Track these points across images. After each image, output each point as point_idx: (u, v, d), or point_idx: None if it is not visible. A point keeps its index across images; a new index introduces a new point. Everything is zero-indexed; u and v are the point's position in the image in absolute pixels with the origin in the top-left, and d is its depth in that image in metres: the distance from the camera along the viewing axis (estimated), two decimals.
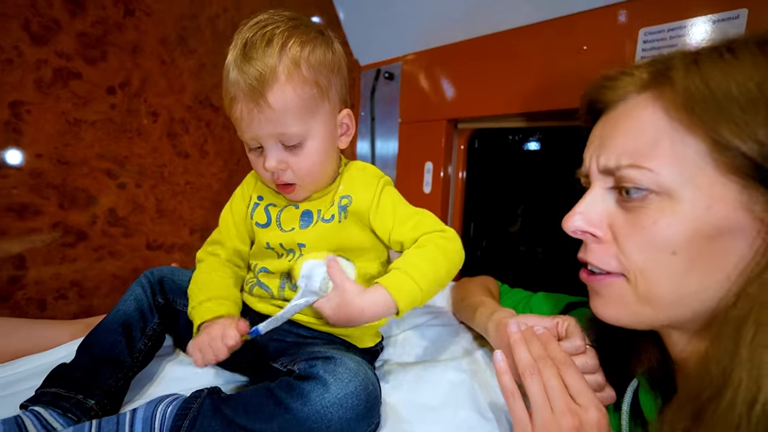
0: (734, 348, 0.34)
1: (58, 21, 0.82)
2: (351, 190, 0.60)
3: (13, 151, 0.80)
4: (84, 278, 0.91)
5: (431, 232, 0.58)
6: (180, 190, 1.04)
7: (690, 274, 0.37)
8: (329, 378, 0.46)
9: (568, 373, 0.42)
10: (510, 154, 1.23)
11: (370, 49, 1.42)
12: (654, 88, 0.40)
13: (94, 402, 0.48)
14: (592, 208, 0.43)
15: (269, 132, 0.53)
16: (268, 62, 0.50)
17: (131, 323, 0.56)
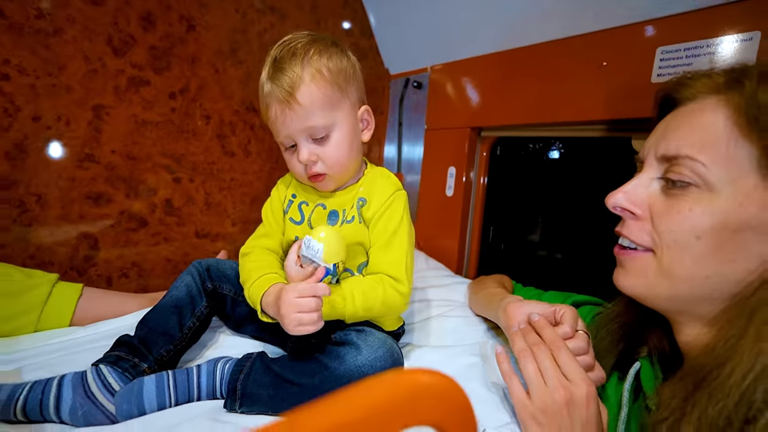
0: (744, 328, 0.38)
1: (134, 36, 0.95)
2: (368, 194, 0.66)
3: (93, 147, 0.93)
4: (143, 260, 1.03)
5: (392, 277, 0.63)
6: (226, 186, 1.16)
7: (709, 258, 0.42)
8: (361, 344, 0.55)
9: (560, 353, 0.49)
10: (530, 162, 1.29)
11: (400, 60, 1.51)
12: (725, 93, 0.43)
13: (147, 366, 0.58)
14: (636, 190, 0.48)
15: (300, 127, 0.60)
16: (295, 69, 0.59)
17: (182, 305, 0.65)
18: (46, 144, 0.87)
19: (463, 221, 1.33)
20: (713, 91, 0.45)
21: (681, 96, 0.48)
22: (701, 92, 0.46)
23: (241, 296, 0.73)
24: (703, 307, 0.44)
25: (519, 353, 0.51)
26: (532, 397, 0.48)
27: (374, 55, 1.51)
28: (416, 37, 1.39)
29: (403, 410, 0.22)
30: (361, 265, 0.69)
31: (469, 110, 1.28)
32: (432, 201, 1.41)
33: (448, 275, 1.16)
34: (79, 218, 0.93)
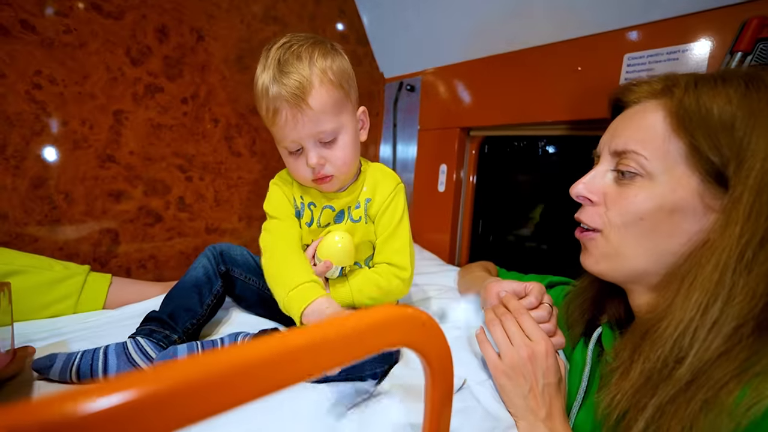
0: (677, 290, 0.46)
1: (150, 47, 1.04)
2: (372, 193, 0.71)
3: (114, 148, 1.02)
4: (159, 253, 1.12)
5: (396, 266, 0.69)
6: (233, 184, 1.25)
7: (651, 236, 0.50)
8: None
9: (522, 318, 0.58)
10: (516, 158, 1.39)
11: (394, 64, 1.61)
12: (662, 97, 0.50)
13: (177, 336, 0.65)
14: (593, 180, 0.56)
15: (310, 131, 0.61)
16: (303, 73, 0.59)
17: (201, 284, 0.72)
18: (73, 147, 0.96)
19: (454, 215, 1.43)
20: (652, 96, 0.53)
21: (628, 100, 0.57)
22: (643, 97, 0.54)
23: (251, 280, 0.82)
24: (651, 277, 0.52)
25: (489, 323, 0.61)
26: (502, 357, 0.58)
27: (370, 60, 1.60)
28: (409, 44, 1.49)
29: (376, 333, 0.24)
30: (368, 258, 0.76)
31: (458, 111, 1.38)
32: (425, 197, 1.50)
33: (439, 263, 1.26)
34: (101, 214, 1.01)
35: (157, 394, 0.17)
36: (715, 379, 0.40)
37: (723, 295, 0.42)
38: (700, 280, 0.44)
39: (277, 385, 0.22)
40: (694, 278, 0.45)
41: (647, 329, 0.48)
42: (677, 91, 0.50)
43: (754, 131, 0.43)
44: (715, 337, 0.41)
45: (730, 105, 0.44)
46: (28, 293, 0.77)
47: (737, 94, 0.44)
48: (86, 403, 0.15)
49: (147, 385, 0.16)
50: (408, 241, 0.71)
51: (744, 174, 0.43)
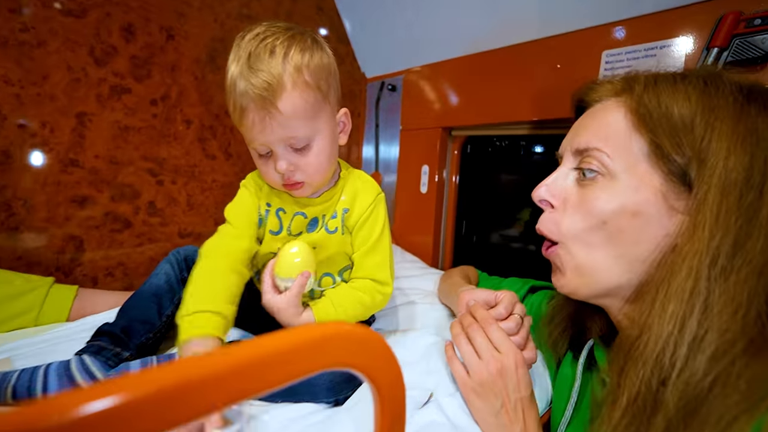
0: (651, 302, 0.42)
1: (115, 47, 1.00)
2: (350, 203, 0.66)
3: (78, 152, 0.97)
4: (128, 260, 1.08)
5: (377, 281, 0.66)
6: (207, 187, 1.21)
7: (617, 243, 0.47)
8: None
9: (489, 328, 0.55)
10: (498, 158, 1.37)
11: (376, 63, 1.58)
12: (622, 95, 0.49)
13: (129, 354, 0.61)
14: (556, 182, 0.53)
15: (280, 137, 0.56)
16: (273, 72, 0.53)
17: (161, 293, 0.68)
18: (32, 150, 0.91)
19: (437, 216, 1.40)
20: (614, 94, 0.51)
21: (590, 99, 0.55)
22: (605, 95, 0.52)
23: None
24: (624, 290, 0.49)
25: (455, 337, 0.58)
26: (471, 374, 0.54)
27: (351, 60, 1.58)
28: (390, 43, 1.46)
29: (313, 353, 0.21)
30: (343, 269, 0.71)
31: (440, 111, 1.35)
32: (408, 198, 1.48)
33: (422, 267, 1.23)
34: (64, 221, 0.97)
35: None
36: (719, 413, 0.35)
37: (699, 305, 0.39)
38: (673, 289, 0.41)
39: (175, 420, 0.18)
40: (668, 287, 0.41)
41: (629, 347, 0.44)
42: (637, 89, 0.48)
43: (714, 130, 0.41)
44: (699, 355, 0.38)
45: (689, 103, 0.43)
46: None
47: (696, 91, 0.43)
48: None
49: None
50: (389, 255, 0.68)
51: (707, 173, 0.41)
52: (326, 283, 0.72)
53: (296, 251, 0.60)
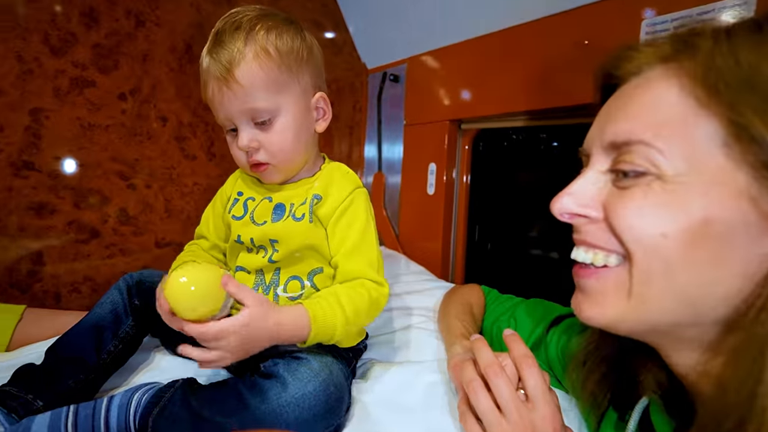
0: (759, 371, 0.29)
1: (75, 34, 0.88)
2: (323, 191, 0.60)
3: (33, 153, 0.86)
4: (96, 274, 0.97)
5: (371, 280, 0.58)
6: (188, 191, 1.09)
7: (683, 262, 0.33)
8: (288, 377, 0.47)
9: (526, 373, 0.42)
10: (515, 154, 1.20)
11: (377, 53, 1.44)
12: (674, 60, 0.36)
13: (43, 404, 0.50)
14: (584, 189, 0.39)
15: (239, 108, 0.55)
16: (236, 45, 0.53)
17: (103, 325, 0.58)
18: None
19: (446, 221, 1.25)
20: (660, 61, 0.36)
21: (623, 72, 0.39)
22: (646, 64, 0.37)
23: None
24: (691, 328, 0.35)
25: (468, 385, 0.43)
26: None
27: (350, 49, 1.44)
28: (392, 27, 1.32)
29: None
30: (314, 272, 0.61)
31: (447, 102, 1.20)
32: (413, 200, 1.33)
33: (428, 279, 1.08)
34: (19, 231, 0.86)
35: None
36: None
37: None
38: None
39: None
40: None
41: (727, 429, 0.30)
42: (703, 46, 0.33)
43: None
44: None
45: None
46: None
47: None
48: None
49: None
50: (377, 256, 0.61)
51: None
52: (293, 289, 0.60)
53: (186, 280, 0.46)
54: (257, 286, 0.61)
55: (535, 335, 0.63)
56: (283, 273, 0.60)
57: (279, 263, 0.59)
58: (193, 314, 0.46)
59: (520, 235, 1.21)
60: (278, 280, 0.60)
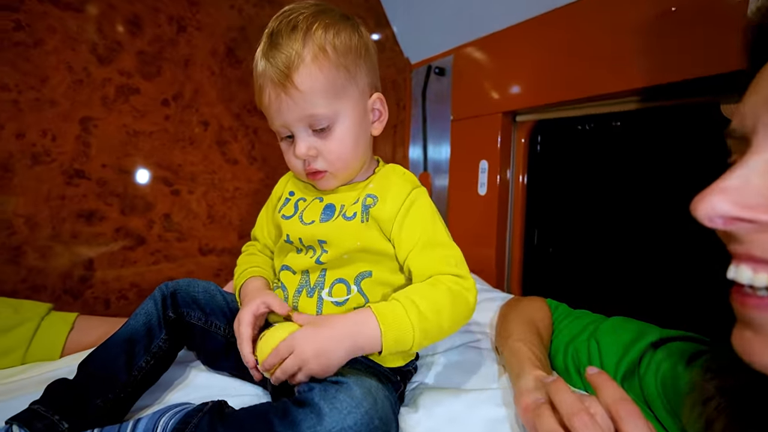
0: None
1: (120, 42, 0.89)
2: (379, 191, 0.56)
3: (83, 162, 0.88)
4: (142, 280, 0.97)
5: (449, 274, 0.53)
6: (229, 196, 1.07)
7: None
8: (325, 407, 0.39)
9: (625, 422, 0.31)
10: (581, 146, 1.06)
11: (421, 45, 1.35)
12: None
13: (68, 426, 0.47)
14: (746, 183, 0.29)
15: (297, 115, 0.53)
16: (294, 46, 0.51)
17: (136, 339, 0.55)
18: (33, 161, 0.83)
19: (501, 223, 1.13)
20: None
21: None
22: None
23: (214, 326, 0.62)
24: None
25: (572, 417, 0.33)
26: None
27: (392, 44, 1.37)
28: (436, 17, 1.23)
29: None
30: (361, 275, 0.56)
31: (500, 92, 1.09)
32: (463, 202, 1.22)
33: (482, 290, 0.97)
34: (71, 238, 0.88)
35: None
36: None
37: None
38: None
39: None
40: None
41: None
42: None
43: None
44: None
45: None
46: None
47: None
48: None
49: None
50: (453, 246, 0.56)
51: None
52: (339, 293, 0.56)
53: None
54: (301, 288, 0.57)
55: (626, 364, 0.51)
56: (329, 275, 0.56)
57: (326, 264, 0.56)
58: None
59: (588, 238, 1.06)
60: (323, 283, 0.56)
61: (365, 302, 0.55)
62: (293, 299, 0.57)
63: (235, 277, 0.64)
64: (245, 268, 0.62)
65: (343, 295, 0.55)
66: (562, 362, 0.59)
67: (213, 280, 0.65)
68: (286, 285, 0.58)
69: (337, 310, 0.55)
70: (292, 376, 0.46)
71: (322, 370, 0.45)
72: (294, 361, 0.45)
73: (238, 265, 0.65)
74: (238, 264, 0.65)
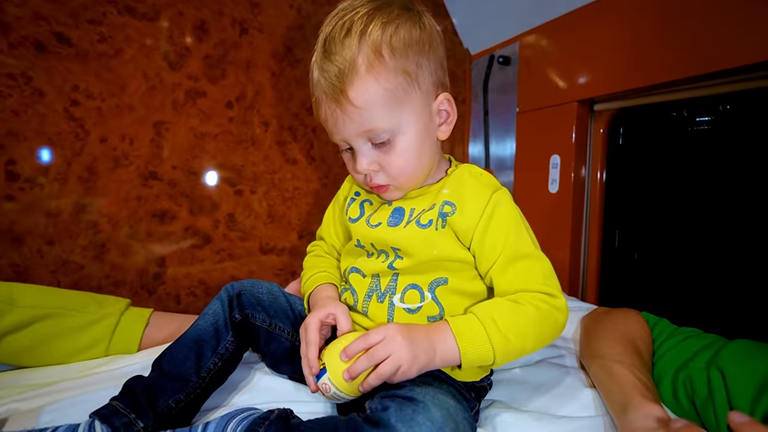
0: None
1: (189, 48, 0.92)
2: (457, 198, 0.52)
3: (156, 164, 0.92)
4: (209, 278, 1.00)
5: (537, 291, 0.48)
6: (289, 196, 1.08)
7: None
8: (402, 429, 0.35)
9: None
10: (673, 136, 0.92)
11: (482, 35, 1.27)
12: None
13: (143, 425, 0.47)
14: None
15: (355, 131, 0.49)
16: (346, 55, 0.47)
17: (204, 339, 0.54)
18: (114, 164, 0.88)
19: (576, 224, 1.02)
20: None
21: None
22: None
23: (278, 328, 0.60)
24: None
25: None
26: None
27: (450, 35, 1.31)
28: (499, 4, 1.15)
29: None
30: (436, 282, 0.52)
31: (574, 79, 0.99)
32: (531, 201, 1.13)
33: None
34: (146, 236, 0.92)
35: None
36: None
37: None
38: None
39: None
40: None
41: None
42: None
43: None
44: None
45: None
46: (56, 340, 0.69)
47: None
48: None
49: None
50: (541, 259, 0.51)
51: None
52: (411, 300, 0.52)
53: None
54: (371, 292, 0.54)
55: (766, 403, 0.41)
56: (401, 280, 0.52)
57: (399, 270, 0.52)
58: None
59: (681, 242, 0.92)
60: (395, 288, 0.52)
61: (440, 311, 0.50)
62: (363, 303, 0.53)
63: (303, 279, 0.62)
64: (314, 272, 0.61)
65: (417, 302, 0.51)
66: (669, 391, 0.50)
67: (273, 280, 0.64)
68: (356, 288, 0.55)
69: (410, 317, 0.50)
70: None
71: (403, 377, 0.43)
72: (392, 366, 0.42)
73: (305, 268, 0.64)
74: (306, 267, 0.64)
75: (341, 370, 0.45)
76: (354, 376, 0.44)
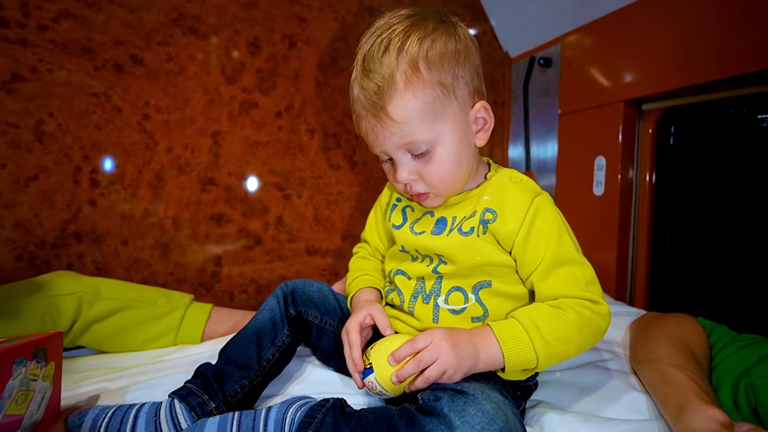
0: None
1: (243, 62, 1.00)
2: (498, 205, 0.53)
3: (214, 171, 1.00)
4: (259, 277, 1.06)
5: (579, 297, 0.49)
6: (333, 200, 1.13)
7: None
8: (456, 419, 0.37)
9: None
10: (732, 134, 0.88)
11: (522, 37, 1.27)
12: None
13: (214, 406, 0.52)
14: None
15: (395, 144, 0.51)
16: (385, 72, 0.48)
17: (263, 332, 0.59)
18: (178, 172, 0.97)
19: (623, 227, 0.99)
20: None
21: None
22: None
23: (328, 324, 0.64)
24: None
25: None
26: None
27: (490, 39, 1.31)
28: (539, 6, 1.14)
29: None
30: (480, 285, 0.54)
31: (620, 79, 0.96)
32: (575, 204, 1.11)
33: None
34: (205, 238, 1.00)
35: None
36: None
37: None
38: None
39: None
40: None
41: None
42: None
43: None
44: None
45: None
46: (133, 329, 0.77)
47: None
48: None
49: None
50: (583, 264, 0.52)
51: None
52: (455, 302, 0.53)
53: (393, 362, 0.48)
54: (417, 294, 0.56)
55: None
56: (446, 283, 0.54)
57: (443, 274, 0.54)
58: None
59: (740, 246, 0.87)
60: (439, 290, 0.54)
61: (483, 312, 0.52)
62: (409, 304, 0.56)
63: (348, 281, 0.66)
64: (358, 275, 0.64)
65: (461, 304, 0.53)
66: (729, 397, 0.48)
67: (318, 280, 0.68)
68: (402, 289, 0.58)
69: (454, 318, 0.52)
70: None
71: (448, 380, 0.45)
72: (438, 370, 0.45)
73: (351, 269, 0.67)
74: (352, 269, 0.67)
75: (389, 372, 0.48)
76: (402, 380, 0.47)
